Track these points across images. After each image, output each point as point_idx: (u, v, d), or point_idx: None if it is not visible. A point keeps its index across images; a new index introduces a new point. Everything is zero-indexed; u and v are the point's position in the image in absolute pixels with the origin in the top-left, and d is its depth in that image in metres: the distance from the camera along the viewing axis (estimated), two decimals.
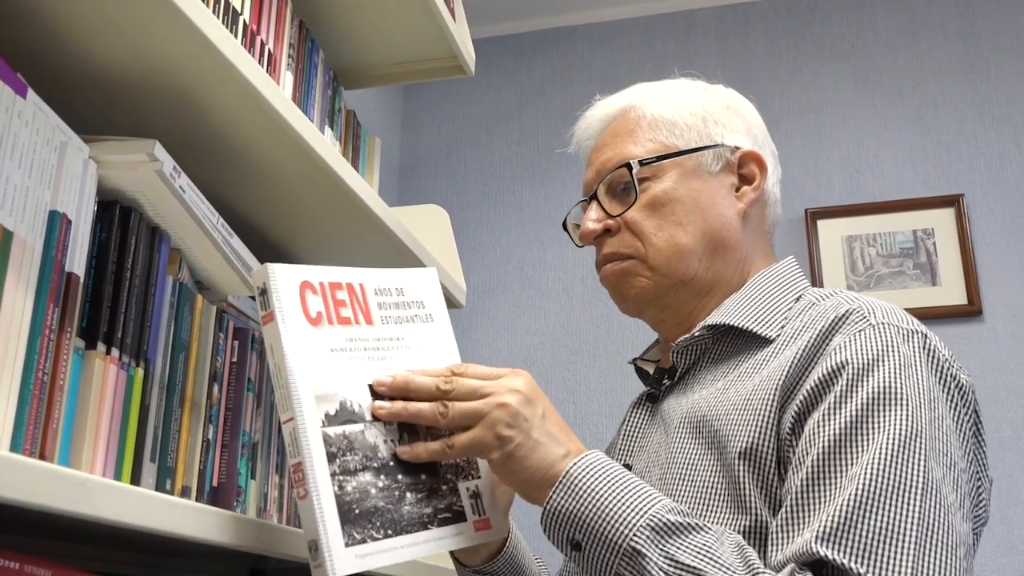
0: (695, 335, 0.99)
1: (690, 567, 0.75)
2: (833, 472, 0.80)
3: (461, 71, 1.62)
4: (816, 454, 0.81)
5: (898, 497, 0.76)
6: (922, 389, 0.83)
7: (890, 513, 0.76)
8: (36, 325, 0.65)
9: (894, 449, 0.78)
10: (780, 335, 0.95)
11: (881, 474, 0.77)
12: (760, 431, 0.86)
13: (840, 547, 0.75)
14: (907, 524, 0.75)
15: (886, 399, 0.81)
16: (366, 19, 1.47)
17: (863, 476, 0.77)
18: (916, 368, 0.84)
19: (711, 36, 2.85)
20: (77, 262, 0.71)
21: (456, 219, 2.52)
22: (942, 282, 2.46)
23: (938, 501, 0.77)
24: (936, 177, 2.56)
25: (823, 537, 0.75)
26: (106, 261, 0.77)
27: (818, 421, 0.83)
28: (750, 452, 0.86)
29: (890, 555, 0.74)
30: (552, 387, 2.60)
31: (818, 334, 0.89)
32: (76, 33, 0.83)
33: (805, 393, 0.85)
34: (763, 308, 0.98)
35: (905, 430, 0.79)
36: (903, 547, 0.74)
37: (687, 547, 0.77)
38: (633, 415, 1.08)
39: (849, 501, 0.76)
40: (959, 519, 0.78)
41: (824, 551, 0.75)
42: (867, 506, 0.76)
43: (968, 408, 0.87)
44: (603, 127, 1.11)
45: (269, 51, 1.16)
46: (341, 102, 1.43)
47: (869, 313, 0.89)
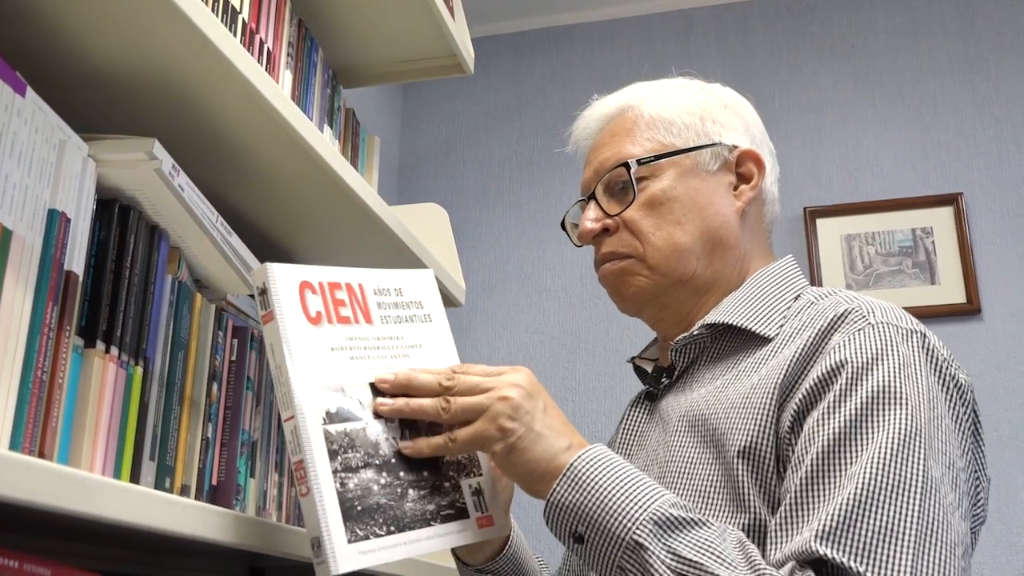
0: (694, 334, 1.00)
1: (692, 562, 0.75)
2: (832, 471, 0.80)
3: (460, 70, 1.62)
4: (815, 453, 0.81)
5: (897, 496, 0.76)
6: (921, 388, 0.83)
7: (889, 512, 0.76)
8: (35, 323, 0.65)
9: (893, 448, 0.78)
10: (779, 334, 0.95)
11: (880, 473, 0.77)
12: (759, 430, 0.87)
13: (839, 546, 0.75)
14: (906, 523, 0.75)
15: (885, 398, 0.81)
16: (365, 18, 1.47)
17: (862, 475, 0.77)
18: (915, 367, 0.84)
19: (711, 35, 2.85)
20: (76, 260, 0.71)
21: (455, 218, 2.52)
22: (941, 281, 2.46)
23: (937, 500, 0.77)
24: (935, 176, 2.56)
25: (822, 536, 0.75)
26: (105, 259, 0.77)
27: (817, 420, 0.83)
28: (749, 451, 0.87)
29: (889, 554, 0.74)
30: (551, 386, 2.60)
31: (817, 333, 0.89)
32: (75, 32, 0.83)
33: (804, 392, 0.86)
34: (762, 307, 0.98)
35: (904, 429, 0.79)
36: (902, 546, 0.74)
37: (689, 542, 0.77)
38: (632, 414, 1.08)
39: (848, 500, 0.76)
40: (957, 518, 0.79)
41: (823, 549, 0.75)
42: (866, 505, 0.76)
43: (967, 408, 0.87)
44: (601, 127, 1.11)
45: (268, 50, 1.16)
46: (340, 101, 1.43)
47: (868, 312, 0.89)
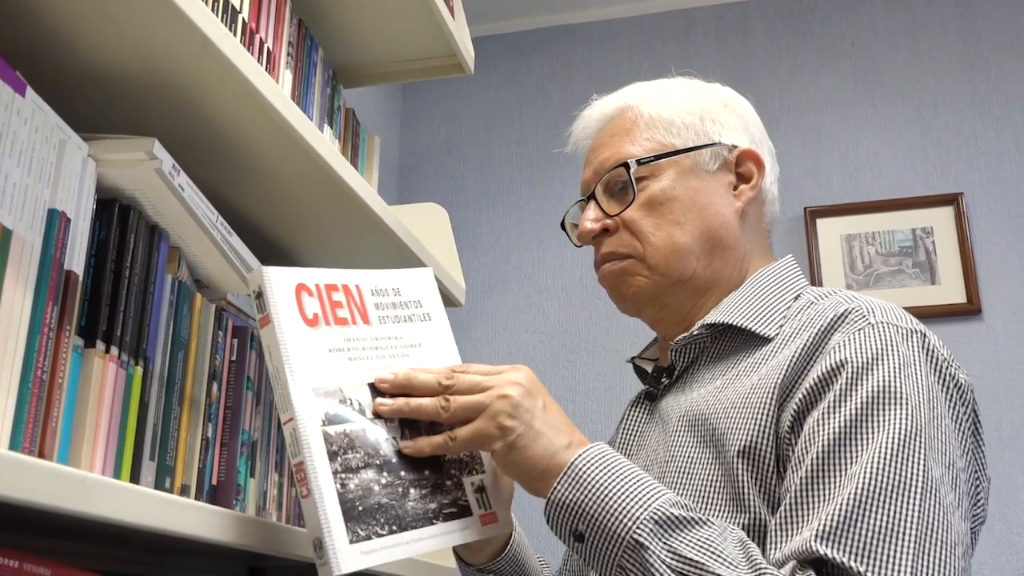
0: (693, 334, 1.00)
1: (692, 561, 0.75)
2: (833, 470, 0.80)
3: (460, 69, 1.62)
4: (816, 452, 0.81)
5: (897, 496, 0.76)
6: (921, 388, 0.83)
7: (889, 512, 0.76)
8: (35, 323, 0.65)
9: (893, 448, 0.78)
10: (779, 334, 0.95)
11: (880, 473, 0.77)
12: (758, 430, 0.87)
13: (840, 546, 0.75)
14: (906, 523, 0.75)
15: (885, 398, 0.81)
16: (365, 17, 1.47)
17: (862, 475, 0.77)
18: (915, 367, 0.84)
19: (711, 35, 2.85)
20: (76, 260, 0.71)
21: (455, 218, 2.52)
22: (941, 281, 2.46)
23: (937, 500, 0.77)
24: (935, 176, 2.56)
25: (823, 535, 0.75)
26: (105, 259, 0.77)
27: (817, 420, 0.83)
28: (748, 451, 0.86)
29: (889, 554, 0.74)
30: (551, 385, 2.60)
31: (817, 333, 0.89)
32: (75, 31, 0.83)
33: (804, 392, 0.86)
34: (761, 307, 0.98)
35: (904, 429, 0.79)
36: (902, 546, 0.74)
37: (690, 541, 0.77)
38: (631, 414, 1.08)
39: (849, 500, 0.76)
40: (957, 518, 0.79)
41: (824, 549, 0.75)
42: (867, 505, 0.76)
43: (967, 408, 0.87)
44: (600, 127, 1.11)
45: (268, 49, 1.16)
46: (340, 100, 1.43)
47: (868, 312, 0.89)
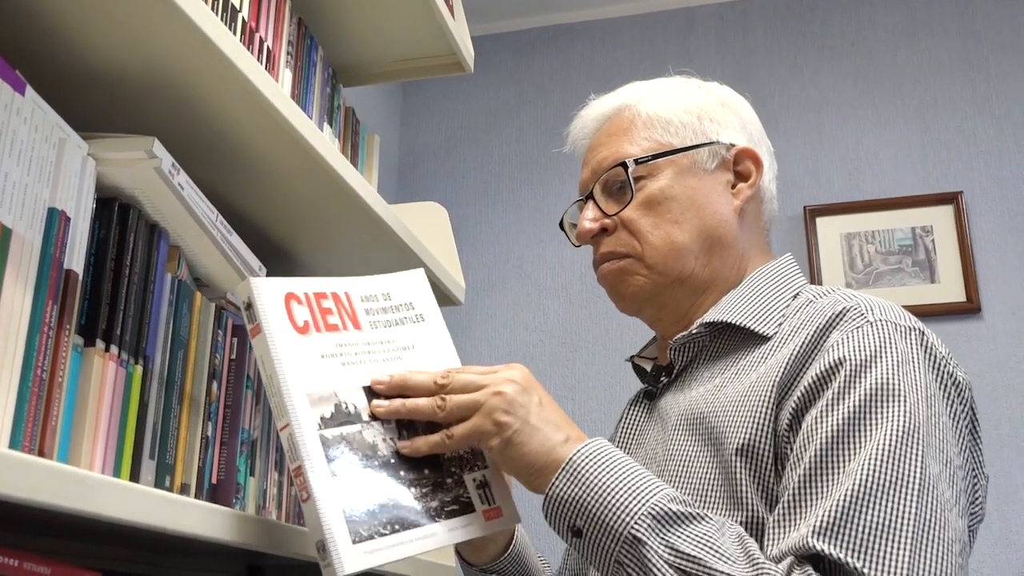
0: (692, 332, 1.00)
1: (690, 556, 0.75)
2: (830, 468, 0.80)
3: (460, 68, 1.62)
4: (814, 450, 0.81)
5: (895, 493, 0.77)
6: (919, 386, 0.83)
7: (886, 508, 0.76)
8: (35, 322, 0.65)
9: (891, 445, 0.79)
10: (777, 332, 0.95)
11: (878, 470, 0.77)
12: (757, 428, 0.87)
13: (837, 542, 0.75)
14: (903, 520, 0.76)
15: (883, 395, 0.81)
16: (365, 16, 1.47)
17: (860, 472, 0.78)
18: (913, 365, 0.84)
19: (711, 34, 2.85)
20: (76, 259, 0.71)
21: (455, 216, 2.52)
22: (941, 279, 2.46)
23: (934, 497, 0.77)
24: (935, 175, 2.56)
25: (820, 532, 0.76)
26: (105, 258, 0.77)
27: (816, 417, 0.83)
28: (747, 449, 0.87)
29: (886, 550, 0.74)
30: (550, 384, 2.60)
31: (815, 331, 0.89)
32: (75, 30, 0.83)
33: (802, 390, 0.86)
34: (760, 305, 0.98)
35: (902, 426, 0.80)
36: (899, 542, 0.75)
37: (688, 536, 0.77)
38: (631, 412, 1.08)
39: (846, 496, 0.77)
40: (955, 515, 0.79)
41: (821, 545, 0.75)
42: (864, 501, 0.76)
43: (964, 405, 0.88)
44: (598, 126, 1.11)
45: (268, 48, 1.16)
46: (340, 99, 1.43)
47: (867, 310, 0.89)
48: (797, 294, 1.00)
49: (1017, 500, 2.26)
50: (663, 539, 0.77)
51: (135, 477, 0.78)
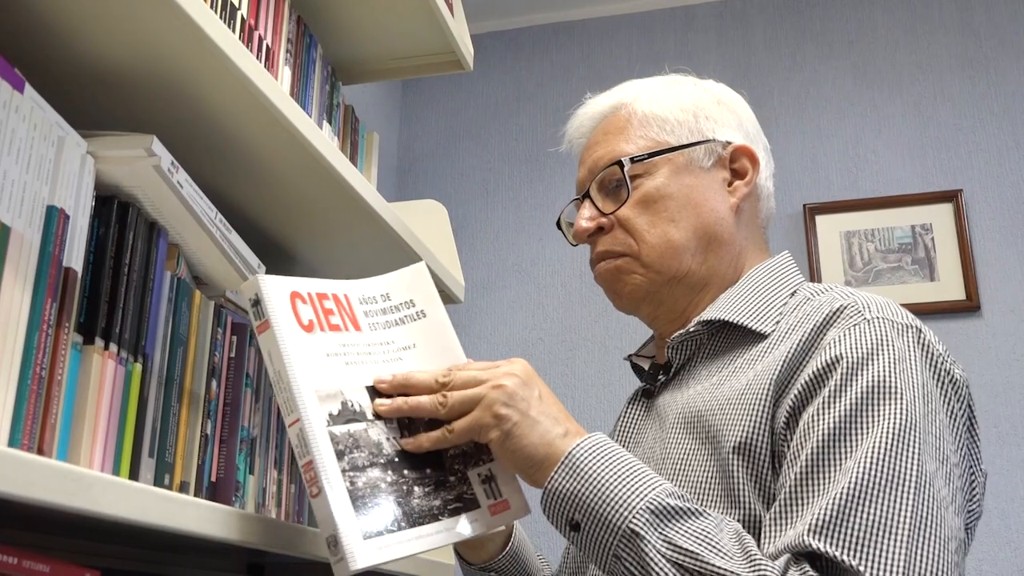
0: (690, 331, 1.00)
1: (688, 551, 0.76)
2: (827, 465, 0.80)
3: (459, 66, 1.62)
4: (811, 448, 0.81)
5: (891, 491, 0.77)
6: (916, 383, 0.83)
7: (883, 506, 0.76)
8: (34, 320, 0.65)
9: (888, 443, 0.79)
10: (775, 330, 0.95)
11: (874, 467, 0.78)
12: (754, 426, 0.87)
13: (832, 540, 0.75)
14: (900, 517, 0.76)
15: (880, 393, 0.81)
16: (364, 14, 1.47)
17: (856, 469, 0.78)
18: (910, 363, 0.84)
19: (710, 32, 2.85)
20: (75, 257, 0.71)
21: (454, 215, 2.52)
22: (940, 277, 2.46)
23: (931, 495, 0.77)
24: (934, 173, 2.56)
25: (815, 530, 0.76)
26: (104, 256, 0.77)
27: (813, 415, 0.83)
28: (744, 447, 0.87)
29: (882, 548, 0.74)
30: (550, 382, 2.58)
31: (813, 329, 0.89)
32: (74, 28, 0.83)
33: (800, 387, 0.86)
34: (758, 303, 0.99)
35: (899, 424, 0.80)
36: (895, 540, 0.75)
37: (686, 531, 0.77)
38: (629, 411, 1.09)
39: (842, 494, 0.77)
40: (951, 513, 0.79)
41: (816, 543, 0.75)
42: (860, 499, 0.76)
43: (962, 403, 0.88)
44: (594, 125, 1.11)
45: (267, 46, 1.16)
46: (339, 97, 1.43)
47: (864, 308, 0.89)
48: (794, 292, 1.00)
49: (1017, 498, 2.26)
50: (661, 534, 0.77)
51: (134, 475, 0.78)
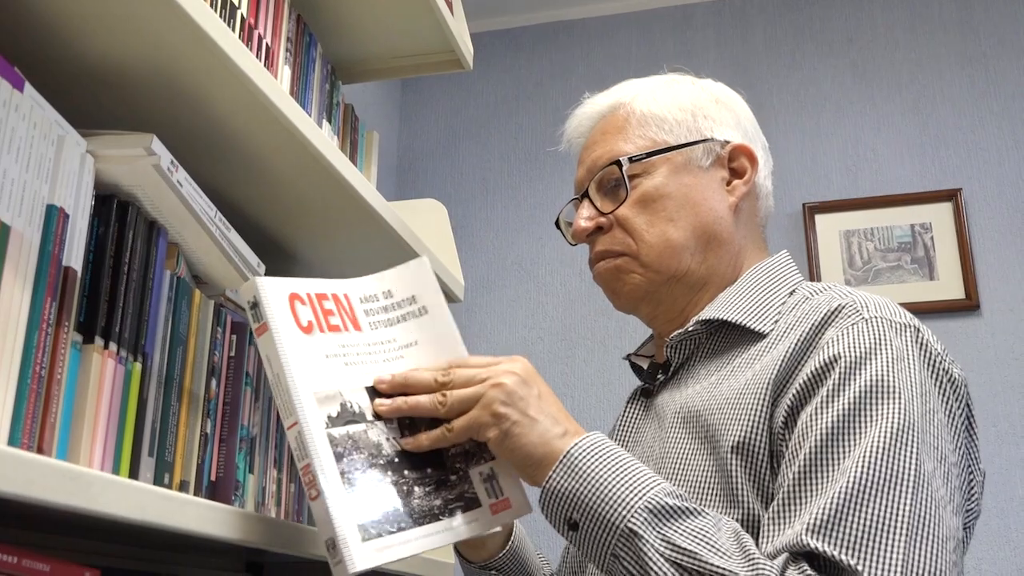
0: (688, 330, 1.00)
1: (686, 550, 0.76)
2: (825, 465, 0.80)
3: (459, 65, 1.62)
4: (809, 447, 0.81)
5: (889, 490, 0.77)
6: (914, 383, 0.83)
7: (881, 506, 0.76)
8: (33, 319, 0.65)
9: (886, 442, 0.79)
10: (773, 330, 0.95)
11: (873, 467, 0.78)
12: (752, 426, 0.87)
13: (831, 539, 0.75)
14: (898, 517, 0.76)
15: (878, 392, 0.82)
16: (364, 13, 1.47)
17: (855, 469, 0.78)
18: (908, 362, 0.84)
19: (709, 30, 2.85)
20: (74, 256, 0.71)
21: (454, 214, 2.52)
22: (940, 276, 2.46)
23: (929, 494, 0.78)
24: (934, 172, 2.56)
25: (814, 529, 0.76)
26: (103, 255, 0.77)
27: (811, 415, 0.83)
28: (742, 446, 0.87)
29: (880, 547, 0.74)
30: (550, 381, 2.56)
31: (811, 328, 0.89)
32: (74, 27, 0.83)
33: (798, 387, 0.86)
34: (756, 303, 0.99)
35: (897, 423, 0.80)
36: (894, 539, 0.75)
37: (684, 531, 0.77)
38: (628, 410, 1.09)
39: (840, 494, 0.77)
40: (949, 512, 0.79)
41: (815, 543, 0.75)
42: (858, 499, 0.76)
43: (960, 402, 0.88)
44: (592, 125, 1.11)
45: (267, 45, 1.16)
46: (339, 96, 1.43)
47: (862, 307, 0.89)
48: (793, 291, 1.00)
49: (1015, 498, 2.26)
50: (659, 533, 0.77)
51: (134, 474, 0.78)
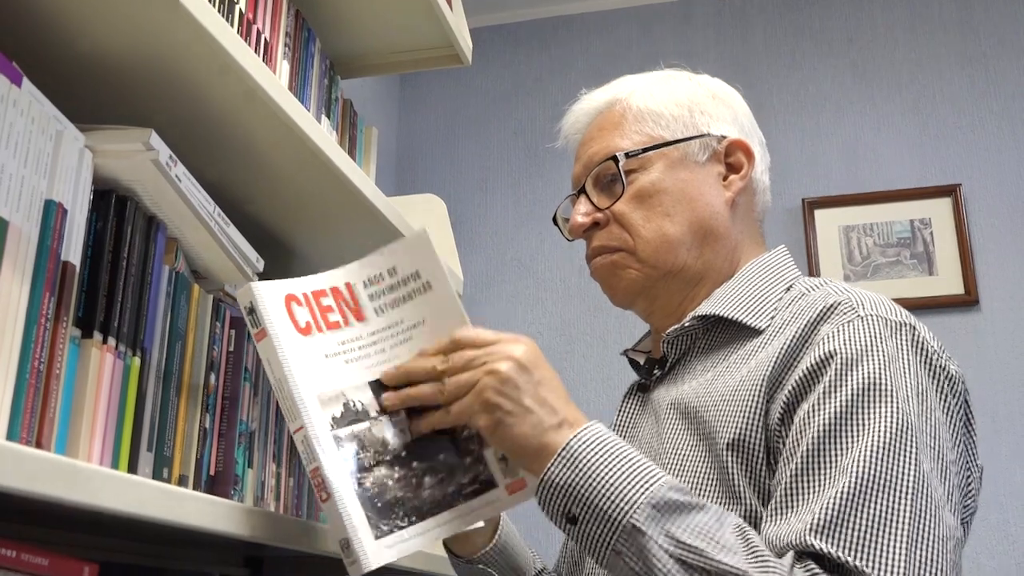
0: (685, 325, 1.00)
1: (692, 547, 0.75)
2: (823, 463, 0.80)
3: (458, 60, 1.62)
4: (806, 445, 0.81)
5: (890, 490, 0.77)
6: (910, 382, 0.83)
7: (882, 506, 0.76)
8: (32, 314, 0.65)
9: (884, 443, 0.79)
10: (769, 326, 0.95)
11: (872, 467, 0.78)
12: (747, 422, 0.87)
13: (835, 540, 0.75)
14: (898, 517, 0.76)
15: (873, 393, 0.81)
16: (362, 8, 1.47)
17: (854, 469, 0.78)
18: (904, 361, 0.84)
19: (709, 27, 2.85)
20: (73, 251, 0.71)
21: (453, 209, 2.51)
22: (939, 272, 2.46)
23: (928, 494, 0.78)
24: (933, 167, 2.56)
25: (817, 530, 0.76)
26: (102, 250, 0.77)
27: (807, 412, 0.83)
28: (737, 443, 0.87)
29: (883, 548, 0.75)
30: None
31: (805, 324, 0.89)
32: (72, 22, 0.83)
33: (793, 383, 0.86)
34: (753, 298, 0.98)
35: (894, 424, 0.80)
36: (895, 540, 0.75)
37: (688, 526, 0.76)
38: (625, 405, 1.09)
39: (841, 495, 0.77)
40: (948, 512, 0.79)
41: (819, 544, 0.75)
42: (860, 499, 0.77)
43: (958, 399, 0.87)
44: (589, 121, 1.11)
45: (265, 40, 1.16)
46: (337, 91, 1.43)
47: (857, 304, 0.89)
48: (790, 286, 1.00)
49: (1014, 492, 2.26)
50: (663, 528, 0.76)
51: (133, 469, 0.78)
